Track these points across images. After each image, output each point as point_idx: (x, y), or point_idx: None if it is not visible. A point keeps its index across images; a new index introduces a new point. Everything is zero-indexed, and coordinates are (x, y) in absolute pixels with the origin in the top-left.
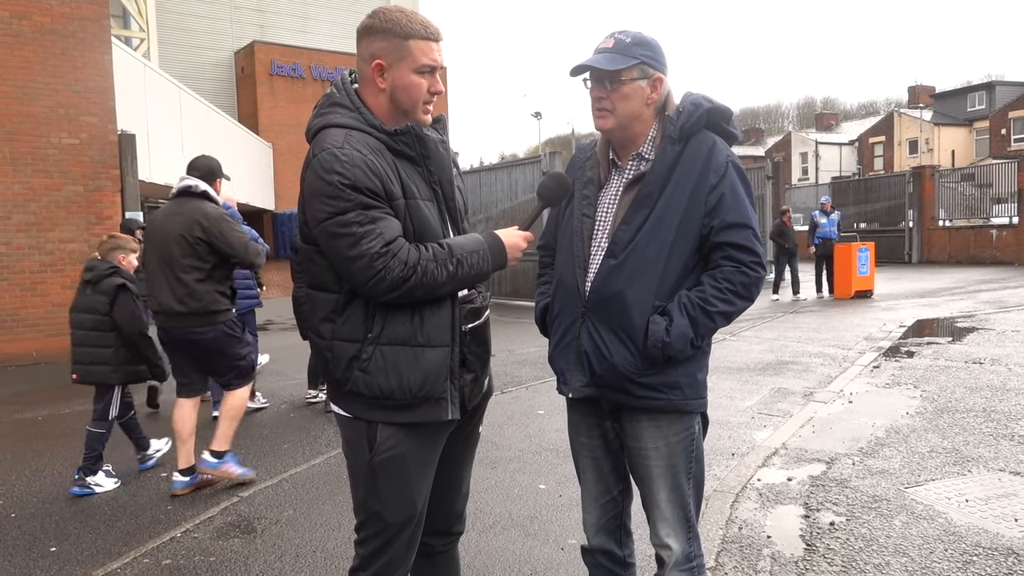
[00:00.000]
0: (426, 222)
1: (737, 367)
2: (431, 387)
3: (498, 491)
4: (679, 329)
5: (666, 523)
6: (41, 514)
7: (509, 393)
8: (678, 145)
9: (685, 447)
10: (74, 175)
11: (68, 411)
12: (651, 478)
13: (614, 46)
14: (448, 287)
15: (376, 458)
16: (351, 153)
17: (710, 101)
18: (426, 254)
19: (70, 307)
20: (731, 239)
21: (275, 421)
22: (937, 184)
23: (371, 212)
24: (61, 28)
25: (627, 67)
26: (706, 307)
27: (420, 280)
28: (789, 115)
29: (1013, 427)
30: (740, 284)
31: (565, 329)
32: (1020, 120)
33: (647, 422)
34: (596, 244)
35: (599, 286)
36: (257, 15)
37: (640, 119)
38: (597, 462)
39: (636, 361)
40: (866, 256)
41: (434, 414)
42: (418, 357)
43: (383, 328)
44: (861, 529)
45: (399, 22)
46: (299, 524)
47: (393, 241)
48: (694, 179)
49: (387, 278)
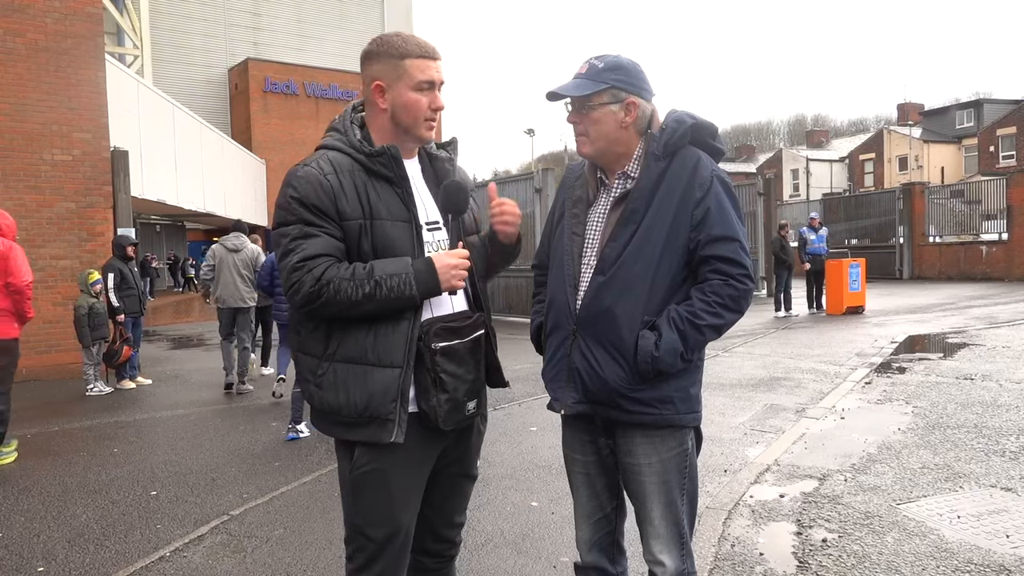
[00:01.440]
0: (390, 242)
1: (730, 383)
2: (376, 407)
3: (490, 508)
4: (669, 343)
5: (660, 539)
6: (29, 533)
7: (502, 410)
8: (663, 162)
9: (679, 463)
10: (66, 191)
11: (57, 429)
12: (645, 494)
13: (587, 72)
14: (367, 307)
15: (355, 473)
16: (310, 171)
17: (693, 117)
18: (343, 273)
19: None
20: (718, 252)
21: (266, 438)
22: (927, 200)
23: (307, 228)
24: (55, 45)
25: (595, 92)
26: (695, 321)
27: (333, 297)
28: (780, 132)
29: (1004, 443)
30: (729, 297)
31: (557, 346)
32: (1008, 137)
33: (640, 437)
34: (585, 262)
35: (588, 303)
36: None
37: (619, 142)
38: (591, 479)
39: (627, 376)
40: (857, 272)
41: (378, 435)
42: (366, 375)
43: (339, 345)
44: (853, 546)
45: (394, 44)
46: (290, 543)
47: (313, 257)
48: (679, 194)
49: (300, 291)
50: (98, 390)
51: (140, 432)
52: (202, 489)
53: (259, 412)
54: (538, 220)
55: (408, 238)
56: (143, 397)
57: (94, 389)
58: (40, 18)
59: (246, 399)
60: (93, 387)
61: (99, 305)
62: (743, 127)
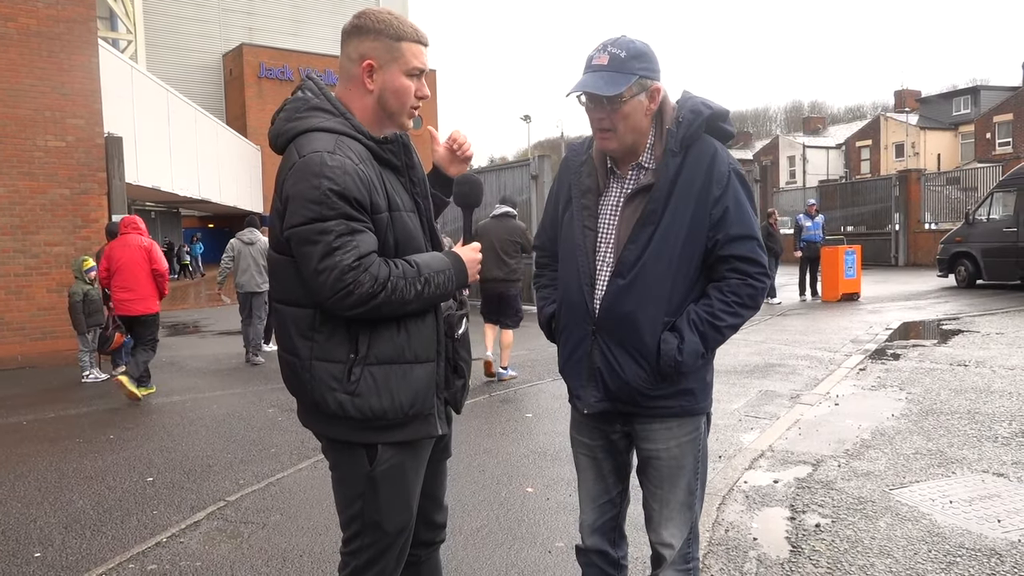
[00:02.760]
0: (409, 234)
1: (725, 370)
2: (421, 404)
3: (485, 495)
4: (691, 347)
5: (672, 523)
6: (25, 519)
7: (497, 395)
8: (679, 156)
9: (693, 448)
10: (60, 178)
11: (53, 415)
12: (663, 479)
13: (610, 63)
14: (414, 306)
15: (377, 470)
16: (342, 160)
17: (709, 107)
18: (396, 271)
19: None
20: (737, 252)
21: (262, 424)
22: (923, 187)
23: (352, 224)
24: (47, 30)
25: (627, 87)
26: (715, 322)
27: (388, 297)
28: (777, 119)
29: (997, 429)
30: (747, 296)
31: (575, 345)
32: (1005, 124)
33: (658, 424)
34: (601, 259)
35: (609, 306)
36: (246, 18)
37: (643, 132)
38: (597, 462)
39: (649, 377)
40: (853, 259)
41: (423, 430)
42: (407, 375)
43: (369, 346)
44: (846, 531)
45: (391, 23)
46: (286, 529)
47: (367, 255)
48: (697, 190)
49: (356, 292)
50: (94, 377)
51: (136, 419)
52: (198, 475)
53: (255, 398)
54: (534, 207)
55: (419, 228)
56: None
57: (90, 376)
58: (32, 2)
59: (240, 385)
60: (89, 374)
61: (94, 291)
62: (740, 113)
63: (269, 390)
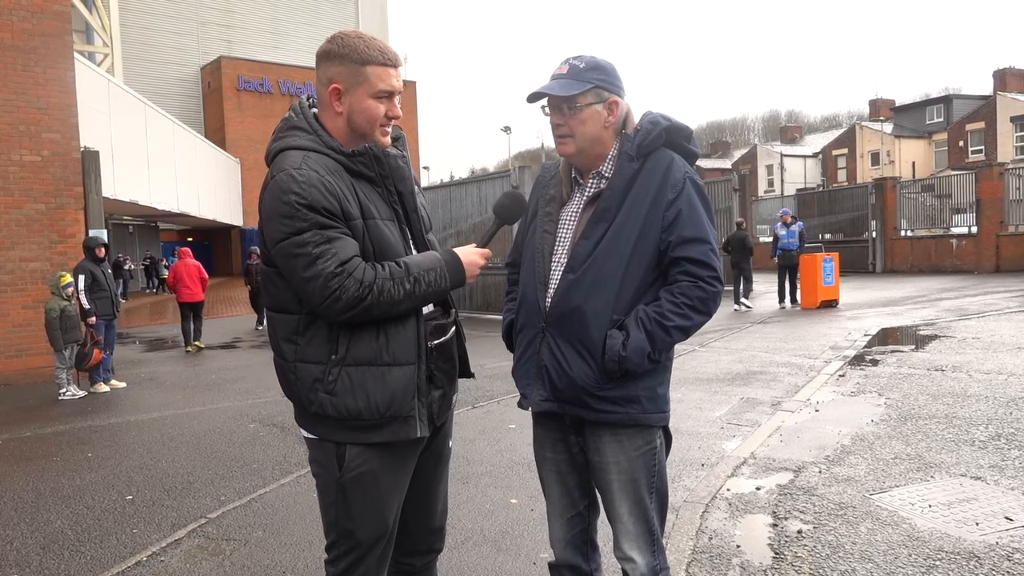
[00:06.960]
0: (386, 241)
1: (707, 378)
2: (399, 406)
3: (470, 506)
4: (636, 343)
5: (629, 536)
6: (2, 540)
7: (481, 407)
8: (636, 163)
9: (646, 461)
10: (36, 193)
11: (29, 434)
12: (613, 492)
13: (568, 72)
14: (405, 305)
15: (346, 476)
16: (308, 174)
17: (668, 120)
18: (382, 273)
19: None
20: (688, 254)
21: (243, 440)
22: (899, 195)
23: (327, 232)
24: (22, 44)
25: (581, 92)
26: (663, 322)
27: (377, 299)
28: (755, 128)
29: (974, 432)
30: (697, 299)
31: (527, 344)
32: (977, 132)
33: (608, 436)
34: (556, 260)
35: (558, 301)
36: (224, 30)
37: (600, 142)
38: (562, 476)
39: (595, 375)
40: (831, 266)
41: (403, 432)
42: (384, 376)
43: (348, 349)
44: (828, 536)
45: (356, 48)
46: (269, 545)
47: (348, 260)
48: (652, 195)
49: (343, 298)
50: (71, 394)
51: (114, 436)
52: (179, 492)
53: (236, 414)
54: None
55: (397, 236)
56: (117, 401)
57: (67, 393)
58: (6, 16)
59: (221, 401)
60: (66, 391)
61: (71, 308)
62: (718, 123)
63: (250, 405)
